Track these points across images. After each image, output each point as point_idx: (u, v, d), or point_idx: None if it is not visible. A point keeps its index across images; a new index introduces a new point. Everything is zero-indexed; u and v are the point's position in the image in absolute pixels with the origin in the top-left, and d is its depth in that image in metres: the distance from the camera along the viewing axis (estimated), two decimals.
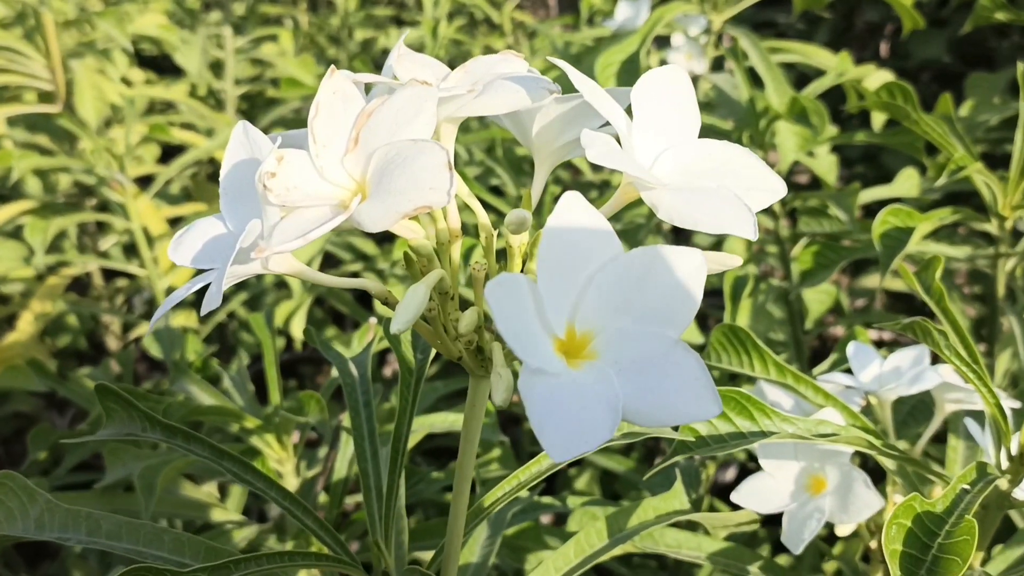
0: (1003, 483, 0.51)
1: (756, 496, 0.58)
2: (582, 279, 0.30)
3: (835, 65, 1.11)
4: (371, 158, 0.32)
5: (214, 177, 1.51)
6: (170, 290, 1.35)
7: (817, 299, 1.21)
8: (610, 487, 1.13)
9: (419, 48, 1.80)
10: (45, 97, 1.39)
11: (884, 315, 1.33)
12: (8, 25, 1.36)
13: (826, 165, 1.20)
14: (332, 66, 0.34)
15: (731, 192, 0.34)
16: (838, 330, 1.51)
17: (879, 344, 1.48)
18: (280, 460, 0.78)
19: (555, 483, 1.16)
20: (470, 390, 0.38)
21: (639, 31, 1.05)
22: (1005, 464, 0.51)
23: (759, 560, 0.59)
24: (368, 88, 0.39)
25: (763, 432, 0.48)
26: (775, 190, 0.36)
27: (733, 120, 1.08)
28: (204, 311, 0.32)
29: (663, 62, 1.29)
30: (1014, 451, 0.50)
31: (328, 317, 1.47)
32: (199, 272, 0.36)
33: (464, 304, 0.37)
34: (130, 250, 1.47)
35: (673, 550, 0.59)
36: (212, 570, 0.37)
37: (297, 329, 1.15)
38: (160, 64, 1.94)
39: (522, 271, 0.35)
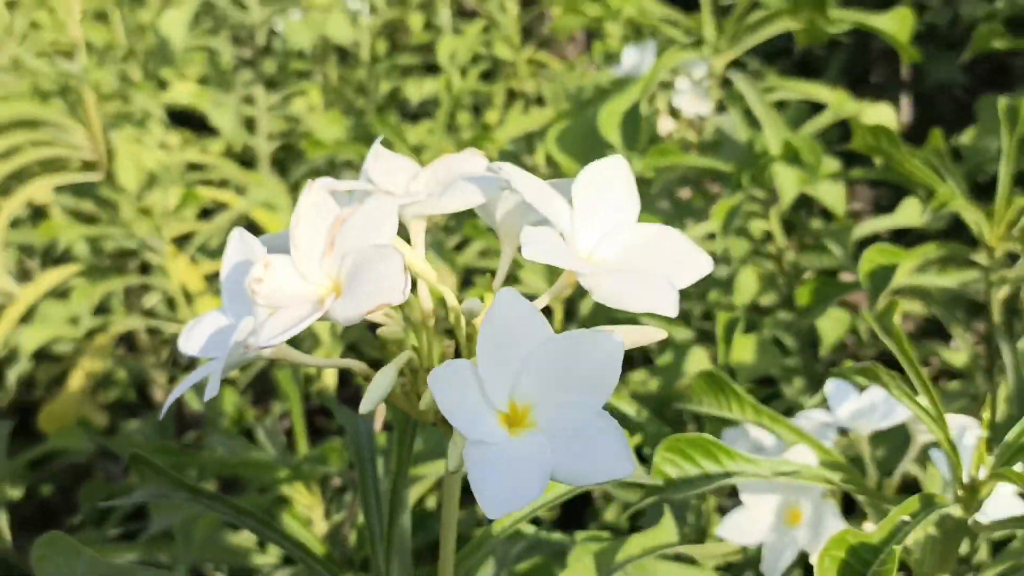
0: (956, 511, 0.55)
1: (738, 529, 0.63)
2: (518, 361, 0.35)
3: (833, 102, 1.15)
4: (344, 260, 0.38)
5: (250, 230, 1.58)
6: None
7: (830, 327, 1.24)
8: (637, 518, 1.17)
9: (435, 99, 1.87)
10: (88, 166, 1.47)
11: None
12: (50, 96, 1.45)
13: (834, 197, 1.23)
14: (308, 181, 0.40)
15: (660, 275, 0.39)
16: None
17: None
18: (309, 506, 0.84)
19: (584, 515, 1.20)
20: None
21: (640, 82, 1.11)
22: (959, 493, 0.55)
23: None
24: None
25: (727, 473, 0.52)
26: (701, 268, 0.41)
27: (734, 161, 1.12)
28: (205, 399, 0.37)
29: (671, 105, 1.34)
30: (966, 480, 0.54)
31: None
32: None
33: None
34: (174, 305, 1.55)
35: None
36: None
37: (329, 378, 1.21)
38: (198, 120, 2.03)
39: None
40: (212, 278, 1.44)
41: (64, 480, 1.50)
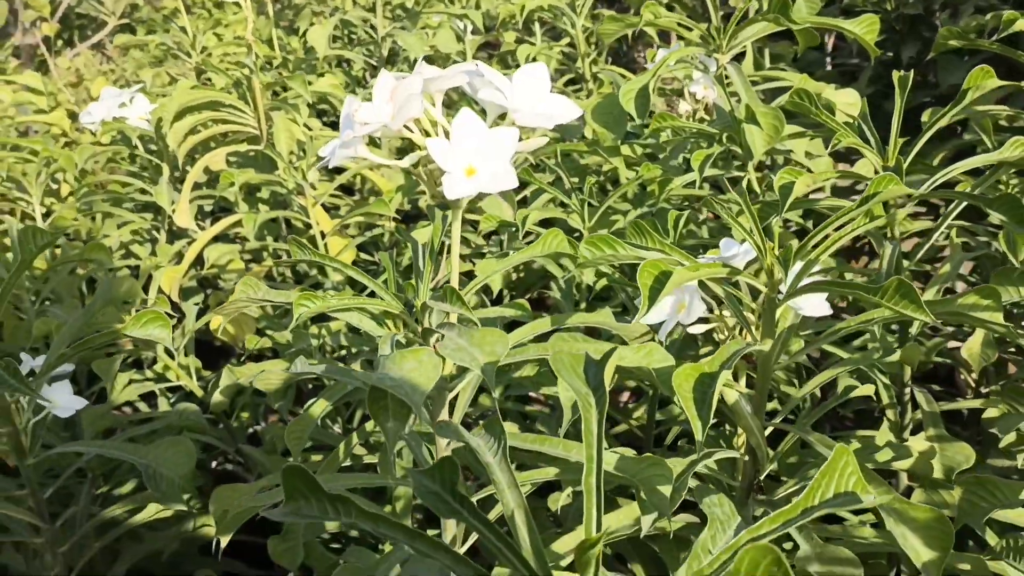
0: (763, 287, 0.91)
1: (648, 317, 1.00)
2: (474, 142, 0.76)
3: (797, 83, 1.52)
4: (396, 102, 0.79)
5: (373, 192, 2.03)
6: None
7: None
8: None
9: None
10: (252, 140, 1.95)
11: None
12: (228, 90, 1.93)
13: (823, 165, 1.59)
14: (382, 69, 0.81)
15: (549, 114, 0.79)
16: None
17: None
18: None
19: None
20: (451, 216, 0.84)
21: (651, 70, 1.49)
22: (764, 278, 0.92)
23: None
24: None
25: (619, 255, 0.91)
26: (575, 114, 0.80)
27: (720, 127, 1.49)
28: (331, 166, 0.79)
29: (692, 92, 1.72)
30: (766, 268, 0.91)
31: None
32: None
33: None
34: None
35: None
36: (303, 299, 0.83)
37: None
38: (331, 122, 2.51)
39: None
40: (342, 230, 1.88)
41: None
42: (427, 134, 0.82)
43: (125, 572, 1.39)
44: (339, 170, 1.79)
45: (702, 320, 1.00)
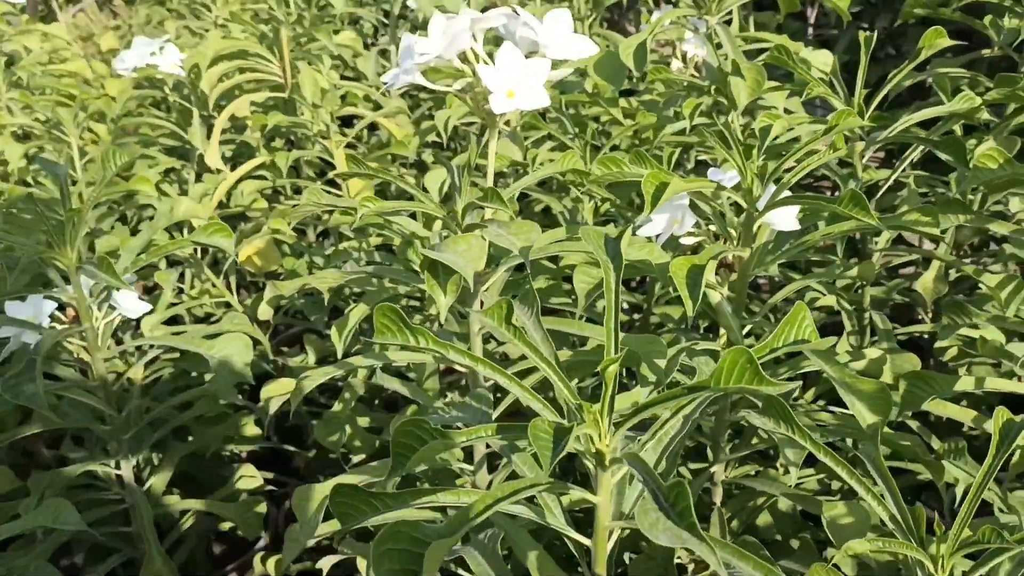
0: (743, 202, 1.10)
1: (647, 230, 1.19)
2: (514, 70, 0.93)
3: (776, 41, 1.70)
4: (448, 36, 0.97)
5: (385, 145, 2.20)
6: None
7: None
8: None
9: None
10: (275, 88, 2.11)
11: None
12: (260, 42, 2.10)
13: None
14: (436, 10, 0.99)
15: (574, 48, 0.97)
16: None
17: None
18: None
19: None
20: (489, 133, 1.02)
21: (648, 28, 1.67)
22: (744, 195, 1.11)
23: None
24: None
25: (624, 173, 1.09)
26: (593, 51, 0.98)
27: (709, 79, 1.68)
28: (395, 89, 0.97)
29: (683, 51, 1.90)
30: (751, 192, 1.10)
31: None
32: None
33: None
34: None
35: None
36: (365, 200, 1.01)
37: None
38: (344, 76, 2.67)
39: None
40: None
41: None
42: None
43: (173, 469, 1.57)
44: (353, 119, 1.96)
45: (692, 234, 1.18)
